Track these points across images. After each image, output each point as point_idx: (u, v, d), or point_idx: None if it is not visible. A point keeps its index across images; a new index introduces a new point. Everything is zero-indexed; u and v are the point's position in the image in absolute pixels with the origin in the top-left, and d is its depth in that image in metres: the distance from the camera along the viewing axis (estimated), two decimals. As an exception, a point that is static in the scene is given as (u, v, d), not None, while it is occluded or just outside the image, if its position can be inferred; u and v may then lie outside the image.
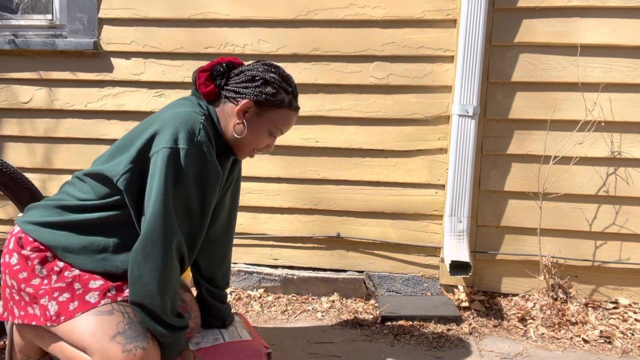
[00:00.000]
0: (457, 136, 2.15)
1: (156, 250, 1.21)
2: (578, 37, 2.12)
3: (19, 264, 1.29)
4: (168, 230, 1.22)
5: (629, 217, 2.19)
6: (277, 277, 2.36)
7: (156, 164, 1.22)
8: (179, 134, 1.24)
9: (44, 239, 1.29)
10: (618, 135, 2.16)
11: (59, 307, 1.24)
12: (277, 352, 1.86)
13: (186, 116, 1.27)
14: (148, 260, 1.21)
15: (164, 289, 1.23)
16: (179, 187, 1.24)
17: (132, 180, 1.27)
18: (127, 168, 1.26)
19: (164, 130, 1.25)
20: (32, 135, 2.47)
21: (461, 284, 2.29)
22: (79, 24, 2.37)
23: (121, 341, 1.21)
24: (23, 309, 1.27)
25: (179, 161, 1.23)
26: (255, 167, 2.36)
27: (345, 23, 2.23)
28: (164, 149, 1.22)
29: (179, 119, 1.26)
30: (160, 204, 1.21)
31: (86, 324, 1.23)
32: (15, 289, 1.29)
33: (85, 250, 1.29)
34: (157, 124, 1.27)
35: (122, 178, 1.26)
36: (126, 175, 1.26)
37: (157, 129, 1.26)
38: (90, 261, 1.29)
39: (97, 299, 1.26)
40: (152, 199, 1.22)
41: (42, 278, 1.28)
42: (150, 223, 1.21)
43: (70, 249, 1.29)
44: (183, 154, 1.23)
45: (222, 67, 1.38)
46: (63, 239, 1.29)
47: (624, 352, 1.89)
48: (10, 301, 1.30)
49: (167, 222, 1.22)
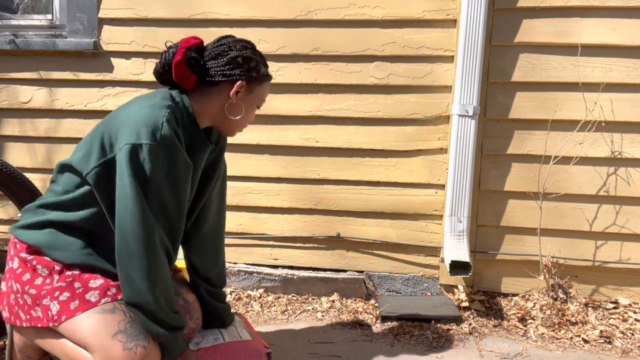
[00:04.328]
0: (457, 136, 2.15)
1: (139, 248, 1.21)
2: (578, 37, 2.12)
3: (20, 267, 1.31)
4: (147, 227, 1.22)
5: (629, 217, 2.19)
6: (277, 277, 2.36)
7: (122, 162, 1.21)
8: (141, 129, 1.22)
9: (32, 240, 1.30)
10: (618, 135, 2.16)
11: (60, 307, 1.25)
12: (277, 352, 1.86)
13: (148, 111, 1.25)
14: (133, 258, 1.21)
15: (153, 284, 1.23)
16: (150, 183, 1.22)
17: (101, 175, 1.26)
18: (95, 164, 1.26)
19: (127, 126, 1.23)
20: (33, 135, 2.47)
21: (461, 284, 2.29)
22: (79, 24, 2.38)
23: (122, 339, 1.21)
24: (27, 312, 1.28)
25: (143, 157, 1.21)
26: (255, 167, 2.36)
27: (345, 23, 2.23)
28: (126, 146, 1.21)
29: (140, 115, 1.24)
30: (135, 202, 1.20)
31: (88, 322, 1.23)
32: (19, 293, 1.29)
33: (69, 247, 1.29)
34: (120, 120, 1.26)
35: (91, 173, 1.26)
36: (96, 170, 1.26)
37: (120, 124, 1.25)
38: (77, 256, 1.29)
39: (97, 298, 1.26)
40: (125, 198, 1.21)
41: (45, 277, 1.28)
42: (128, 222, 1.20)
43: (55, 246, 1.29)
44: (147, 149, 1.21)
45: (194, 51, 1.35)
46: (46, 237, 1.30)
47: (624, 352, 1.89)
48: (16, 306, 1.31)
49: (145, 219, 1.21)
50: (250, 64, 1.37)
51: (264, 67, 1.42)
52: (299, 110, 2.30)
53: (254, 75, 1.37)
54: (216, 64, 1.35)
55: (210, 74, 1.35)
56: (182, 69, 1.33)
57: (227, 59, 1.35)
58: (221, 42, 1.38)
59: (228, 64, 1.35)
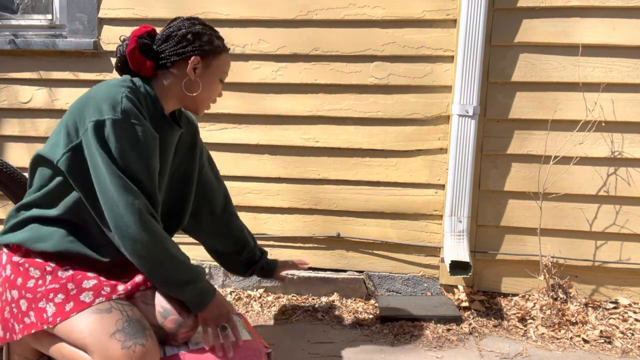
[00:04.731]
0: (457, 136, 2.15)
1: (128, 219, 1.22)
2: (578, 37, 2.12)
3: (13, 272, 1.30)
4: (132, 192, 1.24)
5: (630, 217, 2.19)
6: (277, 277, 2.35)
7: (89, 140, 1.23)
8: (101, 105, 1.24)
9: (17, 239, 1.30)
10: (618, 135, 2.16)
11: (56, 309, 1.24)
12: (277, 352, 1.86)
13: (107, 89, 1.28)
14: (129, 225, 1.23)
15: (158, 240, 1.26)
16: (119, 156, 1.24)
17: (72, 160, 1.27)
18: (64, 150, 1.27)
19: (89, 107, 1.25)
20: (33, 135, 2.47)
21: (461, 284, 2.29)
22: (79, 24, 2.38)
23: (120, 338, 1.21)
24: (21, 321, 1.27)
25: (108, 131, 1.23)
26: (255, 167, 2.36)
27: (345, 23, 2.24)
28: (90, 123, 1.22)
29: (100, 94, 1.26)
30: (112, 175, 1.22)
31: (85, 322, 1.23)
32: (15, 301, 1.28)
33: (52, 235, 1.30)
34: (80, 103, 1.28)
35: (62, 159, 1.27)
36: (66, 155, 1.26)
37: (82, 107, 1.26)
38: (60, 243, 1.30)
39: (91, 299, 1.26)
40: (102, 174, 1.22)
41: (37, 279, 1.28)
42: (113, 194, 1.22)
43: (38, 238, 1.29)
44: (109, 123, 1.23)
45: (146, 39, 1.38)
46: (28, 232, 1.30)
47: (624, 352, 1.89)
48: (11, 318, 1.29)
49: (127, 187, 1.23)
50: (202, 39, 1.39)
51: (218, 39, 1.43)
52: (299, 110, 2.30)
53: (207, 49, 1.39)
54: (168, 45, 1.38)
55: (164, 56, 1.38)
56: (136, 56, 1.36)
57: (178, 38, 1.38)
58: (170, 24, 1.41)
59: (179, 43, 1.38)
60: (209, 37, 1.40)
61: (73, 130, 1.27)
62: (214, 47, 1.41)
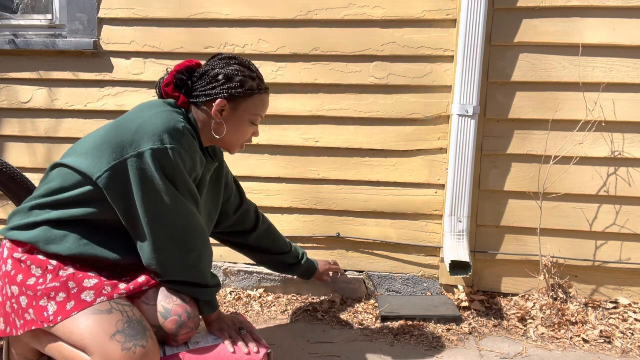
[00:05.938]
0: (457, 136, 2.15)
1: (198, 238, 1.37)
2: (578, 37, 2.12)
3: (14, 268, 1.30)
4: (196, 217, 1.34)
5: (630, 217, 2.19)
6: (277, 277, 2.35)
7: (149, 166, 1.24)
8: (163, 134, 1.25)
9: (27, 238, 1.30)
10: (619, 135, 2.16)
11: (57, 307, 1.24)
12: (277, 352, 1.86)
13: (166, 116, 1.29)
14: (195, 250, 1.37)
15: (209, 262, 1.44)
16: (178, 182, 1.30)
17: (113, 179, 1.27)
18: (107, 167, 1.27)
19: (146, 132, 1.25)
20: (33, 135, 2.47)
21: (461, 284, 2.29)
22: (79, 24, 2.38)
23: (121, 340, 1.21)
24: (22, 317, 1.27)
25: (169, 159, 1.26)
26: (255, 167, 2.36)
27: (345, 23, 2.23)
28: (149, 150, 1.24)
29: (159, 120, 1.27)
30: (176, 201, 1.29)
31: (85, 323, 1.23)
32: (15, 297, 1.28)
33: (66, 238, 1.30)
34: (134, 124, 1.28)
35: (103, 176, 1.27)
36: (108, 173, 1.27)
37: (137, 129, 1.26)
38: (75, 247, 1.30)
39: (93, 298, 1.26)
40: (161, 201, 1.27)
41: (38, 277, 1.28)
42: (179, 221, 1.31)
43: (51, 240, 1.29)
44: (172, 152, 1.25)
45: (184, 75, 1.40)
46: (40, 233, 1.30)
47: (624, 352, 1.89)
48: (12, 314, 1.29)
49: (192, 212, 1.33)
50: (233, 81, 1.38)
51: (253, 80, 1.42)
52: (299, 110, 2.30)
53: (235, 93, 1.38)
54: (200, 84, 1.40)
55: (195, 94, 1.40)
56: (169, 91, 1.40)
57: (209, 79, 1.39)
58: (208, 62, 1.43)
59: (210, 84, 1.39)
60: (242, 79, 1.39)
61: (119, 150, 1.26)
62: (244, 89, 1.40)
